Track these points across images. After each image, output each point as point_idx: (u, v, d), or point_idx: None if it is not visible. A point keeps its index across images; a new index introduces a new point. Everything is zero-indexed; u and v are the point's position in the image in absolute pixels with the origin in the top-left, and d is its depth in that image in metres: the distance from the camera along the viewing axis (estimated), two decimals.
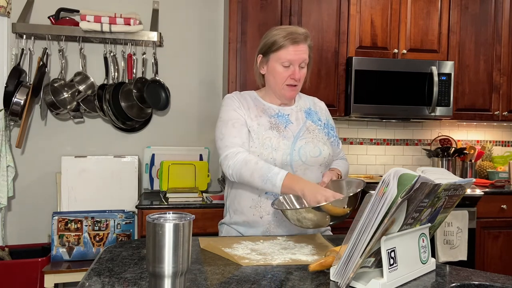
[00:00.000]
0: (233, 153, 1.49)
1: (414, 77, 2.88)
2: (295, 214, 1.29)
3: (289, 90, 1.58)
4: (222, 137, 1.54)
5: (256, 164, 1.43)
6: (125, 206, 2.68)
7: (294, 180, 1.39)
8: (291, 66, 1.54)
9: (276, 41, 1.53)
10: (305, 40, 1.55)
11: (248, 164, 1.44)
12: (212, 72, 3.09)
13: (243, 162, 1.45)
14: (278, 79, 1.56)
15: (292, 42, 1.52)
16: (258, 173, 1.42)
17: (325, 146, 1.60)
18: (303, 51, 1.54)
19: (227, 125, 1.55)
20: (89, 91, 2.79)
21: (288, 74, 1.55)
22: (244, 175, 1.45)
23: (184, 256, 0.88)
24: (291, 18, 2.77)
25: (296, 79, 1.55)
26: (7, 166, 2.67)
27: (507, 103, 3.13)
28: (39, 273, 2.40)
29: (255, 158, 1.46)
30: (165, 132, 3.03)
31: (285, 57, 1.53)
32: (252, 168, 1.43)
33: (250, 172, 1.43)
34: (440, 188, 1.00)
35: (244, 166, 1.45)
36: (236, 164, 1.47)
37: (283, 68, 1.55)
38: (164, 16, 3.01)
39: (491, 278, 1.08)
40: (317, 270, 1.08)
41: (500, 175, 3.15)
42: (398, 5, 2.92)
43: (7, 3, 2.72)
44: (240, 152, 1.48)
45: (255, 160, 1.45)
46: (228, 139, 1.52)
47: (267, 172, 1.41)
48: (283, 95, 1.60)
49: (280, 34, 1.53)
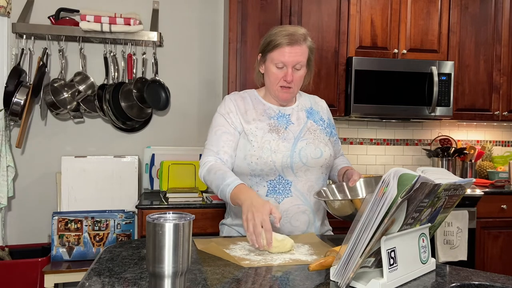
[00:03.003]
0: (203, 163, 1.53)
1: (414, 77, 2.88)
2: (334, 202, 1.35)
3: (282, 92, 1.55)
4: (206, 143, 1.59)
5: (215, 174, 1.44)
6: (125, 206, 2.68)
7: (241, 192, 1.35)
8: (285, 67, 1.51)
9: (272, 41, 1.51)
10: (304, 41, 1.51)
11: (210, 174, 1.47)
12: (212, 72, 3.09)
13: (206, 172, 1.49)
14: (272, 80, 1.55)
15: (287, 43, 1.48)
16: (214, 183, 1.44)
17: (326, 147, 1.59)
18: (298, 53, 1.50)
19: (211, 132, 1.58)
20: (89, 91, 2.79)
21: (282, 75, 1.52)
22: (209, 185, 1.49)
23: (184, 256, 0.88)
24: (291, 18, 2.77)
25: (288, 81, 1.52)
26: (7, 166, 2.67)
27: (507, 103, 3.13)
28: (39, 273, 2.40)
29: (217, 167, 1.46)
30: (165, 132, 3.03)
31: (278, 58, 1.50)
32: (212, 178, 1.45)
33: (210, 182, 1.47)
34: (440, 188, 1.00)
35: (207, 176, 1.48)
36: (202, 173, 1.51)
37: (277, 69, 1.52)
38: (164, 16, 3.01)
39: (491, 278, 1.08)
40: (317, 270, 1.08)
41: (500, 175, 3.15)
42: (398, 5, 2.92)
43: (7, 3, 2.72)
44: (208, 162, 1.51)
45: (216, 169, 1.46)
46: (207, 147, 1.56)
47: (221, 183, 1.41)
48: (277, 96, 1.58)
49: (278, 34, 1.50)
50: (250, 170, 1.52)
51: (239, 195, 1.34)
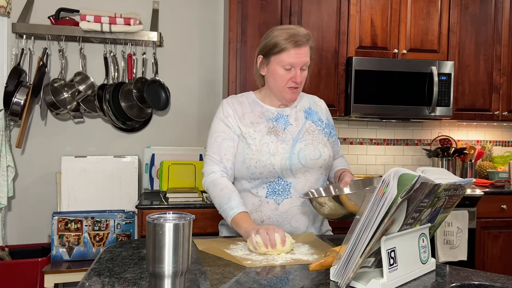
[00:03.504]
0: (207, 172, 1.57)
1: (414, 77, 2.88)
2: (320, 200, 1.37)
3: (290, 93, 1.56)
4: (207, 149, 1.62)
5: (221, 191, 1.49)
6: (125, 206, 2.68)
7: (242, 222, 1.40)
8: (293, 69, 1.52)
9: (277, 43, 1.50)
10: (307, 42, 1.52)
11: (215, 188, 1.51)
12: (212, 72, 3.09)
13: (211, 184, 1.54)
14: (279, 82, 1.54)
15: (294, 45, 1.49)
16: (217, 200, 1.49)
17: (325, 148, 1.58)
18: (304, 53, 1.51)
19: (211, 138, 1.61)
20: (89, 91, 2.79)
21: (290, 77, 1.52)
22: (210, 195, 1.54)
23: (184, 256, 0.88)
24: (291, 18, 2.77)
25: (298, 82, 1.53)
26: (7, 166, 2.67)
27: (507, 103, 3.13)
28: (39, 273, 2.40)
29: (223, 183, 1.51)
30: (165, 132, 3.03)
31: (287, 60, 1.50)
32: (216, 193, 1.50)
33: (213, 195, 1.52)
34: (440, 188, 1.00)
35: (211, 188, 1.53)
36: (205, 183, 1.57)
37: (285, 71, 1.52)
38: (164, 16, 3.01)
39: (491, 278, 1.08)
40: (317, 270, 1.08)
41: (500, 175, 3.15)
42: (398, 5, 2.92)
43: (7, 3, 2.72)
44: (213, 172, 1.55)
45: (222, 186, 1.50)
46: (209, 154, 1.59)
47: (224, 204, 1.46)
48: (284, 98, 1.58)
49: (282, 36, 1.50)
50: (250, 174, 1.52)
51: (241, 223, 1.39)
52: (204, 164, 1.60)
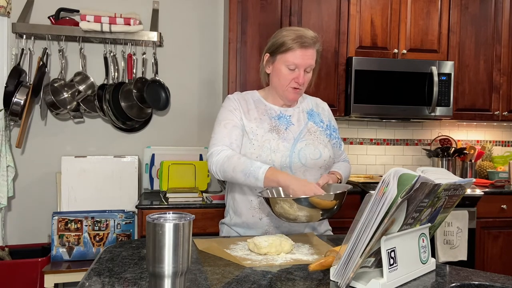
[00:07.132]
0: (217, 151, 1.51)
1: (414, 77, 2.88)
2: (282, 204, 1.28)
3: (292, 93, 1.57)
4: (213, 135, 1.57)
5: (239, 159, 1.44)
6: (125, 206, 2.68)
7: (278, 172, 1.40)
8: (297, 69, 1.53)
9: (284, 43, 1.52)
10: (314, 45, 1.53)
11: (231, 160, 1.45)
12: (212, 72, 3.09)
13: (225, 158, 1.47)
14: (282, 81, 1.56)
15: (300, 46, 1.50)
16: (240, 167, 1.43)
17: (325, 148, 1.59)
18: (310, 56, 1.52)
19: (219, 125, 1.57)
20: (89, 91, 2.79)
21: (293, 77, 1.54)
22: (227, 170, 1.46)
23: (184, 256, 0.88)
24: (291, 18, 2.77)
25: (300, 83, 1.54)
26: (7, 166, 2.67)
27: (507, 103, 3.13)
28: (39, 273, 2.40)
29: (238, 154, 1.48)
30: (165, 132, 3.03)
31: (292, 60, 1.51)
32: (235, 163, 1.44)
33: (232, 167, 1.44)
34: (440, 188, 1.00)
35: (227, 162, 1.46)
36: (219, 160, 1.48)
37: (289, 71, 1.54)
38: (164, 16, 3.01)
39: (491, 278, 1.08)
40: (317, 270, 1.08)
41: (500, 175, 3.15)
42: (398, 5, 2.92)
43: (7, 3, 2.72)
44: (224, 150, 1.50)
45: (238, 156, 1.46)
46: (217, 139, 1.54)
47: (250, 166, 1.41)
48: (286, 97, 1.59)
49: (290, 36, 1.51)
50: None
51: (279, 175, 1.37)
52: (211, 146, 1.54)
